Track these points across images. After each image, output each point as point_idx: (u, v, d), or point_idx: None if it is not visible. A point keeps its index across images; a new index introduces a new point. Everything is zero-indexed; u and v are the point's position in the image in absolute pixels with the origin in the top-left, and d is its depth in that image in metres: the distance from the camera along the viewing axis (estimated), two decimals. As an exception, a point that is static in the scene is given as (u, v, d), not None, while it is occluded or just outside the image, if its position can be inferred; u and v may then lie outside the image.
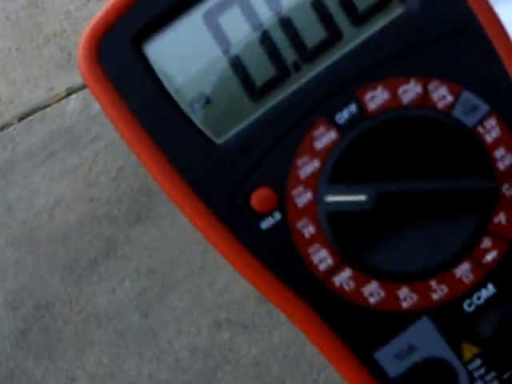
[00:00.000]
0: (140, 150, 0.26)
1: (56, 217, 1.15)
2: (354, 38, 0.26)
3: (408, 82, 0.25)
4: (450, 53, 0.25)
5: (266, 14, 0.25)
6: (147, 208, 1.12)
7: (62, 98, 1.21)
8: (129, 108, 0.25)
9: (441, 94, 0.25)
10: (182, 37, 0.26)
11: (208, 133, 0.26)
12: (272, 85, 0.26)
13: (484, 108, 0.25)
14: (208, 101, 0.26)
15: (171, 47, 0.26)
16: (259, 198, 0.25)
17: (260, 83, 0.26)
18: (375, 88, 0.25)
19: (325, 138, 0.25)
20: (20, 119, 1.23)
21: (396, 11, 0.25)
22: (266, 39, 0.25)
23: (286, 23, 0.25)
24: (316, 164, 0.25)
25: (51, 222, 1.15)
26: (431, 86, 0.25)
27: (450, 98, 0.25)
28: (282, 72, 0.26)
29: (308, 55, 0.26)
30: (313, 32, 0.26)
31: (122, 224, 1.13)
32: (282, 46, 0.25)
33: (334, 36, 0.25)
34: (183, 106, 0.26)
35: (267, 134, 0.25)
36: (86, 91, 1.20)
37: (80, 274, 1.12)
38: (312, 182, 0.25)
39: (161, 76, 0.25)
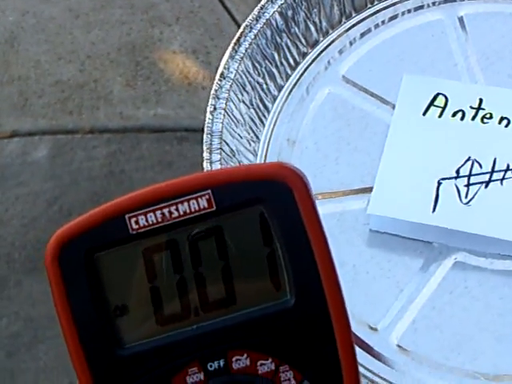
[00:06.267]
0: (63, 324, 0.36)
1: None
2: (242, 308, 0.34)
3: (267, 359, 0.35)
4: (305, 349, 0.34)
5: (188, 268, 0.36)
6: (46, 262, 1.19)
7: (4, 137, 1.27)
8: (68, 297, 0.35)
9: (288, 376, 0.34)
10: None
11: (119, 336, 0.34)
12: (175, 318, 0.35)
13: None
14: (127, 311, 0.36)
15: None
16: None
17: (167, 313, 0.36)
18: (241, 354, 0.34)
19: (195, 376, 0.34)
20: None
21: (277, 300, 0.34)
22: (181, 283, 0.36)
23: (200, 278, 0.35)
24: None
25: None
26: (282, 368, 0.34)
27: (293, 381, 0.34)
28: (185, 312, 0.35)
29: (206, 307, 0.34)
30: (216, 290, 0.36)
31: (17, 268, 1.19)
32: (190, 292, 0.36)
33: (229, 299, 0.34)
34: (110, 308, 0.36)
35: (162, 354, 0.34)
36: (29, 139, 1.27)
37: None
38: None
39: (102, 285, 0.35)
